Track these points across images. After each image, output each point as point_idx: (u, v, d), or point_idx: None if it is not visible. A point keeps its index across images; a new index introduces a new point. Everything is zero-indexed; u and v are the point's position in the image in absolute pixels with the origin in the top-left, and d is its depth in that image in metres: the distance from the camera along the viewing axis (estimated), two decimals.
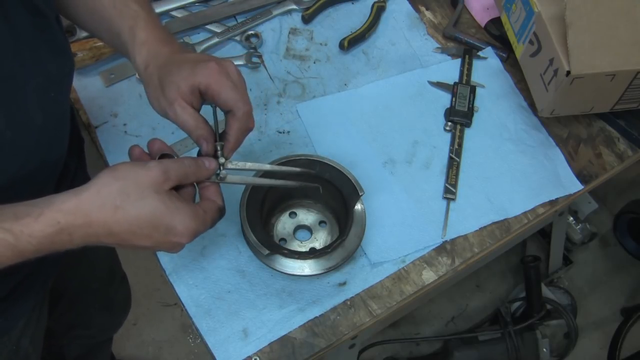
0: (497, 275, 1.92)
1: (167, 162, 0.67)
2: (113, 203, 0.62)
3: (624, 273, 1.94)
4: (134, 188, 0.63)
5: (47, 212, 0.59)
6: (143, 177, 0.64)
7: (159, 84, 0.72)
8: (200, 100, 0.73)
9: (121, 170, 0.64)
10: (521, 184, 0.99)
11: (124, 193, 0.63)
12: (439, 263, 0.93)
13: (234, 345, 0.84)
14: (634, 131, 1.04)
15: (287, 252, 0.86)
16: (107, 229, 0.63)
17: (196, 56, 0.74)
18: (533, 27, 0.99)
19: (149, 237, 0.65)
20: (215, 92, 0.71)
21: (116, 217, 0.62)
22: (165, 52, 0.74)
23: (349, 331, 0.87)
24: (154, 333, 1.81)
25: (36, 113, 0.68)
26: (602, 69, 0.91)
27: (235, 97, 0.71)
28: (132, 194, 0.63)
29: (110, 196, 0.62)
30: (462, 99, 1.06)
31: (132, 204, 0.63)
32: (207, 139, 0.72)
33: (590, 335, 1.83)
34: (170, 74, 0.71)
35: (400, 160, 1.01)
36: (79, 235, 0.61)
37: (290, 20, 1.15)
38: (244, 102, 0.72)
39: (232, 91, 0.71)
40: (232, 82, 0.72)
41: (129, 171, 0.64)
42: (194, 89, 0.71)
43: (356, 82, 1.08)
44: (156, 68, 0.73)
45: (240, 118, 0.72)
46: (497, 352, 1.58)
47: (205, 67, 0.71)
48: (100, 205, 0.62)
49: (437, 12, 1.18)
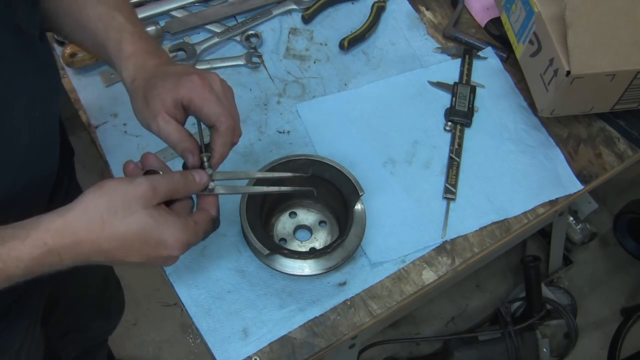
0: (497, 275, 1.92)
1: (155, 177, 0.66)
2: (101, 220, 0.61)
3: (624, 273, 1.94)
4: (121, 204, 0.62)
5: (34, 233, 0.58)
6: (130, 192, 0.63)
7: (143, 97, 0.71)
8: (184, 114, 0.72)
9: (108, 187, 0.63)
10: (521, 184, 0.99)
11: (112, 209, 0.62)
12: (439, 263, 0.93)
13: (234, 345, 0.84)
14: (634, 131, 1.04)
15: (287, 252, 0.86)
16: (97, 246, 0.62)
17: (181, 69, 0.73)
18: (533, 27, 0.99)
19: (140, 252, 0.64)
20: (198, 106, 0.70)
21: (105, 234, 0.61)
22: (152, 64, 0.74)
23: (349, 331, 0.87)
24: (154, 333, 1.81)
25: (23, 131, 0.67)
26: (602, 69, 0.91)
27: (218, 112, 0.70)
28: (120, 210, 0.62)
29: (97, 213, 0.61)
30: (462, 99, 1.06)
31: (120, 220, 0.62)
32: (192, 151, 0.71)
33: (590, 335, 1.83)
34: (155, 87, 0.71)
35: (400, 160, 1.01)
36: (68, 256, 0.61)
37: (290, 20, 1.15)
38: (226, 117, 0.71)
39: (215, 105, 0.70)
40: (216, 96, 0.71)
41: (115, 187, 0.63)
42: (177, 103, 0.70)
43: (356, 82, 1.08)
44: (142, 81, 0.72)
45: (223, 133, 0.71)
46: (497, 352, 1.58)
47: (189, 81, 0.70)
48: (88, 223, 0.61)
49: (437, 12, 1.18)
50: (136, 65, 0.74)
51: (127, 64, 0.74)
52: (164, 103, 0.70)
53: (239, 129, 0.74)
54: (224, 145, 0.72)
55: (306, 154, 0.93)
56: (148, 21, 1.07)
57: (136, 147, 0.99)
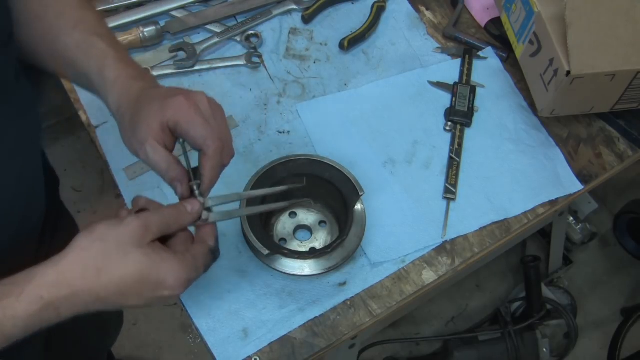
0: (497, 275, 1.92)
1: (145, 215, 0.64)
2: (95, 267, 0.59)
3: (624, 273, 1.94)
4: (114, 247, 0.60)
5: (29, 288, 0.56)
6: (122, 233, 0.61)
7: (130, 124, 0.68)
8: (173, 137, 0.69)
9: (98, 231, 0.61)
10: (521, 184, 0.99)
11: (105, 254, 0.60)
12: (439, 263, 0.93)
13: (234, 345, 0.84)
14: (634, 131, 1.04)
15: (287, 252, 0.86)
16: (94, 295, 0.59)
17: (166, 91, 0.70)
18: (533, 27, 0.99)
19: (139, 296, 0.62)
20: (184, 129, 0.67)
21: (101, 282, 0.59)
22: (136, 88, 0.70)
23: (349, 331, 0.87)
24: (154, 333, 1.81)
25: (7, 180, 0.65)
26: (602, 69, 0.91)
27: (205, 135, 0.67)
28: (114, 254, 0.60)
29: (90, 260, 0.59)
30: (462, 99, 1.06)
31: (115, 264, 0.60)
32: (181, 180, 0.68)
33: (590, 335, 1.83)
34: (141, 112, 0.68)
35: (400, 160, 1.01)
36: (66, 308, 0.58)
37: (290, 20, 1.15)
38: (213, 139, 0.67)
39: (202, 127, 0.67)
40: (203, 117, 0.67)
41: (106, 230, 0.61)
42: (164, 126, 0.67)
43: (356, 82, 1.08)
44: (128, 107, 0.69)
45: (212, 156, 0.68)
46: (497, 352, 1.58)
47: (174, 102, 0.67)
48: (83, 271, 0.59)
49: (437, 12, 1.18)
50: (121, 92, 0.71)
51: (111, 92, 0.71)
52: (151, 128, 0.67)
53: (229, 149, 0.70)
54: (213, 169, 0.69)
55: (306, 154, 0.93)
56: (148, 21, 1.07)
57: None
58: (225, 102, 1.04)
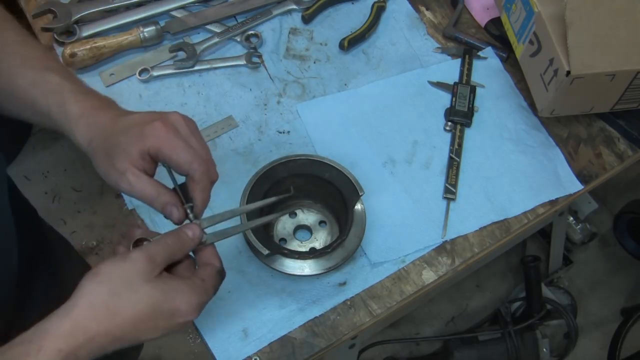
0: (497, 275, 1.92)
1: (149, 248, 0.63)
2: (107, 309, 0.59)
3: (624, 273, 1.93)
4: (123, 286, 0.60)
5: (46, 343, 0.56)
6: (128, 271, 0.60)
7: (105, 156, 0.67)
8: (153, 164, 0.68)
9: (104, 273, 0.60)
10: (521, 184, 0.99)
11: (115, 294, 0.59)
12: (439, 263, 0.93)
13: (234, 345, 0.84)
14: (634, 131, 1.04)
15: (287, 252, 0.86)
16: (111, 337, 0.59)
17: (140, 117, 0.68)
18: (533, 27, 0.99)
19: (155, 329, 0.62)
20: (167, 155, 0.66)
21: (116, 322, 0.59)
22: (105, 120, 0.68)
23: (349, 331, 0.87)
24: None
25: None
26: (602, 69, 0.91)
27: (189, 159, 0.66)
28: (124, 292, 0.59)
29: (102, 304, 0.59)
30: (462, 99, 1.06)
31: (126, 302, 0.59)
32: (175, 204, 0.67)
33: (590, 335, 1.83)
34: (117, 143, 0.66)
35: (400, 160, 1.01)
36: (84, 354, 0.58)
37: (290, 20, 1.15)
38: (199, 162, 0.67)
39: (185, 152, 0.66)
40: (183, 141, 0.67)
41: (112, 270, 0.60)
42: (144, 154, 0.66)
43: (356, 82, 1.08)
44: (101, 140, 0.67)
45: (200, 179, 0.67)
46: (497, 352, 1.58)
47: (152, 129, 0.66)
48: (96, 315, 0.58)
49: (437, 12, 1.18)
50: (88, 126, 0.68)
51: (78, 127, 0.68)
52: (130, 157, 0.65)
53: (213, 165, 0.70)
54: (203, 192, 0.69)
55: (306, 154, 0.93)
56: (148, 21, 1.07)
57: None
58: (225, 102, 1.05)
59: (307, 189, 0.94)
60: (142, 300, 0.60)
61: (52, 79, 0.70)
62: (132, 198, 0.93)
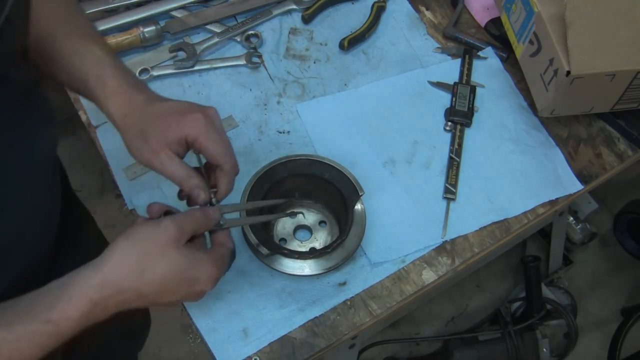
0: (497, 275, 1.92)
1: (179, 218, 0.68)
2: (138, 267, 0.63)
3: (624, 273, 1.94)
4: (154, 249, 0.65)
5: (79, 292, 0.60)
6: (160, 236, 0.65)
7: (139, 133, 0.71)
8: (185, 150, 0.73)
9: (137, 234, 0.65)
10: (521, 184, 0.99)
11: (146, 256, 0.64)
12: (439, 263, 0.93)
13: (234, 345, 0.84)
14: (634, 131, 1.04)
15: (287, 252, 0.86)
16: (137, 292, 0.64)
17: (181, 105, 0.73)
18: (533, 27, 0.99)
19: (176, 293, 0.67)
20: (203, 146, 0.72)
21: (145, 280, 0.64)
22: (141, 99, 0.73)
23: (349, 331, 0.87)
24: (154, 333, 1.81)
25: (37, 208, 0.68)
26: (602, 69, 0.91)
27: (223, 152, 0.73)
28: (154, 255, 0.64)
29: (133, 262, 0.63)
30: (462, 99, 1.06)
31: (156, 264, 0.64)
32: (203, 187, 0.73)
33: (590, 335, 1.83)
34: (156, 125, 0.71)
35: (400, 160, 1.01)
36: (112, 305, 0.63)
37: (290, 20, 1.15)
38: (231, 156, 0.74)
39: (220, 145, 0.72)
40: (219, 135, 0.73)
41: (145, 233, 0.65)
42: (181, 141, 0.71)
43: (356, 82, 1.08)
44: (137, 118, 0.72)
45: (229, 172, 0.74)
46: (497, 352, 1.58)
47: (194, 120, 0.71)
48: (127, 272, 0.63)
49: (437, 12, 1.18)
50: (124, 101, 0.72)
51: (114, 100, 0.72)
52: (167, 140, 0.70)
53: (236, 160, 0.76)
54: (229, 183, 0.75)
55: (306, 154, 0.93)
56: (148, 21, 1.07)
57: None
58: (225, 102, 1.05)
59: (307, 189, 0.94)
60: (170, 264, 0.65)
61: (95, 51, 0.74)
62: (131, 198, 0.93)
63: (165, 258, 0.65)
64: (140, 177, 0.96)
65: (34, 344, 0.58)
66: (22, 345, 0.57)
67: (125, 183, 0.96)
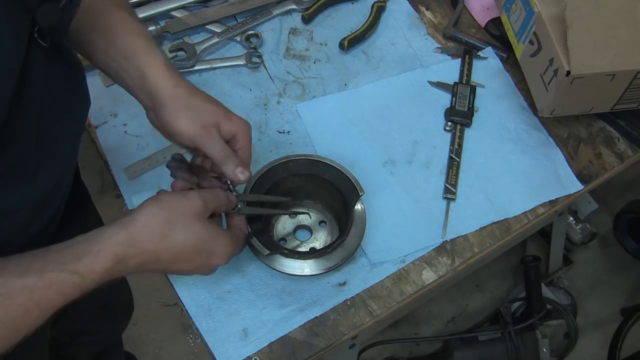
0: (497, 275, 1.92)
1: (205, 193, 0.72)
2: (161, 232, 0.66)
3: (624, 273, 1.94)
4: (178, 217, 0.68)
5: (105, 246, 0.63)
6: (186, 206, 0.69)
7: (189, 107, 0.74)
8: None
9: (165, 201, 0.68)
10: (521, 184, 0.99)
11: (171, 222, 0.67)
12: (439, 263, 0.93)
13: (234, 345, 0.84)
14: (634, 131, 1.04)
15: (287, 252, 0.86)
16: (156, 256, 0.67)
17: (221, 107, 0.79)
18: (533, 27, 0.99)
19: (191, 262, 0.70)
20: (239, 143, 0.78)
21: (164, 245, 0.67)
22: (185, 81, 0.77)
23: (349, 331, 0.87)
24: (154, 333, 1.81)
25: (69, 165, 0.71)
26: (602, 69, 0.91)
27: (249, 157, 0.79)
28: (178, 223, 0.68)
29: (158, 226, 0.66)
30: (462, 99, 1.06)
31: (178, 232, 0.67)
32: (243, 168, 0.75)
33: (590, 335, 1.83)
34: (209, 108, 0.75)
35: (400, 160, 1.01)
36: (132, 264, 0.65)
37: (290, 20, 1.15)
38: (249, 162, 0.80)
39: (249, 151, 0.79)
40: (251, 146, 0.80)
41: (172, 201, 0.69)
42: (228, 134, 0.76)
43: (356, 82, 1.08)
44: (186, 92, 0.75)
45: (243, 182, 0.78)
46: (497, 352, 1.58)
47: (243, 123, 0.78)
48: (150, 234, 0.66)
49: (437, 12, 1.18)
50: (174, 74, 0.75)
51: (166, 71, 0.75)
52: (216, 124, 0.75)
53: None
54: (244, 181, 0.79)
55: (306, 154, 0.93)
56: (148, 21, 1.07)
57: (136, 147, 0.99)
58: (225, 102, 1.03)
59: (307, 189, 0.94)
60: (191, 233, 0.68)
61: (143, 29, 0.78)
62: (131, 198, 0.93)
63: (187, 227, 0.68)
64: (140, 176, 0.96)
65: (61, 292, 0.59)
66: (50, 292, 0.58)
67: (125, 183, 0.96)
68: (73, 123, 0.70)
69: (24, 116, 0.57)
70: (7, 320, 0.56)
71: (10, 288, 0.56)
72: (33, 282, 0.57)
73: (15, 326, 0.57)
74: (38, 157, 0.63)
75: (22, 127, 0.58)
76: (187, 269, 0.71)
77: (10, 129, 0.55)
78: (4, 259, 0.58)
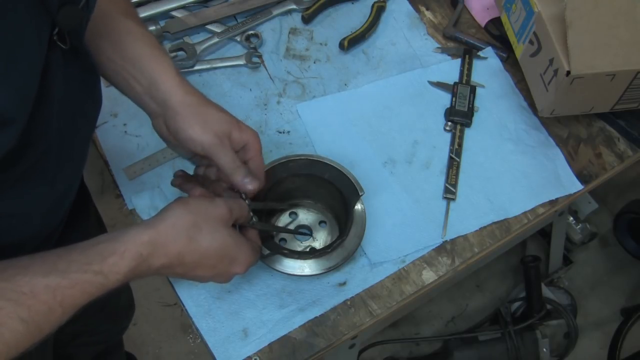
0: (497, 275, 1.92)
1: (229, 201, 0.73)
2: (187, 235, 0.67)
3: (624, 273, 1.94)
4: (205, 222, 0.68)
5: (131, 246, 0.63)
6: (213, 212, 0.69)
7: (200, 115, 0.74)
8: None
9: (193, 205, 0.69)
10: (521, 184, 0.99)
11: (197, 226, 0.67)
12: (439, 263, 0.93)
13: (234, 345, 0.84)
14: (634, 131, 1.04)
15: (287, 252, 0.86)
16: (180, 259, 0.67)
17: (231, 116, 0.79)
18: (533, 27, 0.99)
19: (213, 268, 0.71)
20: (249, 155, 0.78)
21: (190, 248, 0.67)
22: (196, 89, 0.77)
23: (349, 331, 0.87)
24: (154, 333, 1.81)
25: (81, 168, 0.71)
26: (602, 69, 0.91)
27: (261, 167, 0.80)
28: (205, 227, 0.68)
29: (184, 229, 0.67)
30: (462, 99, 1.06)
31: (204, 236, 0.68)
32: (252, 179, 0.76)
33: (590, 335, 1.83)
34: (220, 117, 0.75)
35: (400, 160, 1.01)
36: (156, 265, 0.65)
37: (290, 20, 1.15)
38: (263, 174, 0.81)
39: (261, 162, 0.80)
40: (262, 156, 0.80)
41: (199, 206, 0.69)
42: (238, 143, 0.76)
43: (356, 82, 1.08)
44: (198, 101, 0.75)
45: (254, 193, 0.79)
46: (497, 352, 1.58)
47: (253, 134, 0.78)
48: (176, 236, 0.66)
49: (437, 12, 1.18)
50: (184, 82, 0.75)
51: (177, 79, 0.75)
52: (228, 134, 0.75)
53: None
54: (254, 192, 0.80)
55: (306, 154, 0.93)
56: (148, 21, 1.07)
57: (136, 147, 0.99)
58: (225, 102, 1.05)
59: (307, 189, 0.94)
60: (217, 238, 0.69)
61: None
62: (131, 198, 0.93)
63: (213, 232, 0.68)
64: (140, 176, 0.96)
65: (84, 292, 0.59)
66: (74, 291, 0.58)
67: (125, 183, 0.96)
68: (86, 126, 0.70)
69: (44, 117, 0.57)
70: (31, 319, 0.56)
71: (34, 287, 0.56)
72: (57, 282, 0.57)
73: (39, 325, 0.56)
74: (57, 159, 0.63)
75: (43, 128, 0.58)
76: (207, 274, 0.71)
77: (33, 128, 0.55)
78: (29, 257, 0.58)
